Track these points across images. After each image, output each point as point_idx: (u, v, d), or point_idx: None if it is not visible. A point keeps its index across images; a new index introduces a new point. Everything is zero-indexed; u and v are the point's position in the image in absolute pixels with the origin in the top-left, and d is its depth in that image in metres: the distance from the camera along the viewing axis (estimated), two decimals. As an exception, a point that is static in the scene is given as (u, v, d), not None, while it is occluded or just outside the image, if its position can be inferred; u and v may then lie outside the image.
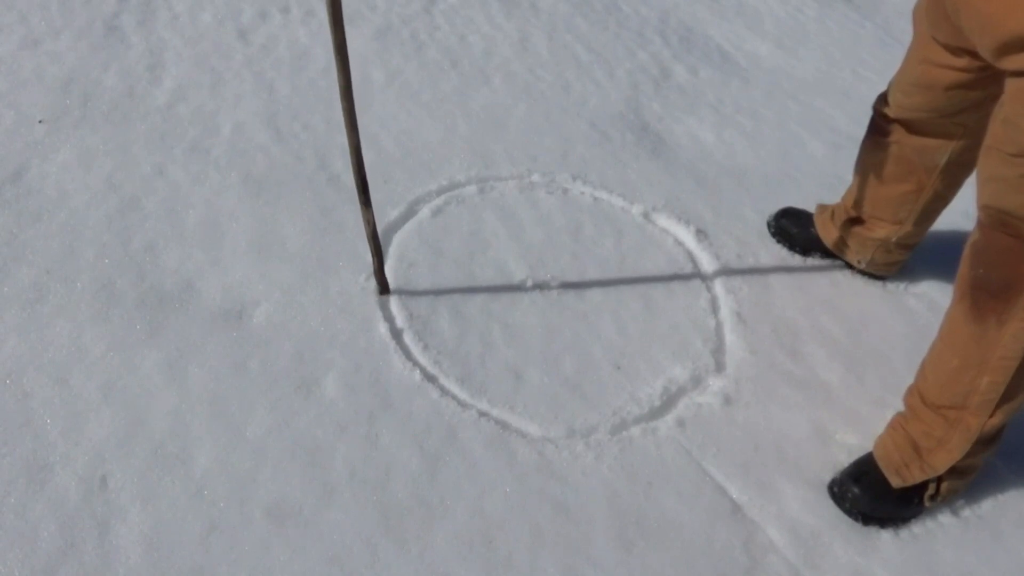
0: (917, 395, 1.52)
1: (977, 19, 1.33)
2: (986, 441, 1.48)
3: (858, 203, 1.91)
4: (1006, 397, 1.38)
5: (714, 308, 1.94)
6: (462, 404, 1.62)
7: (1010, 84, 1.31)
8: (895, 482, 1.52)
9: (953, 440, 1.45)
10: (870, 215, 1.90)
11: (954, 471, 1.50)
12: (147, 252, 1.80)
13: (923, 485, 1.52)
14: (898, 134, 1.75)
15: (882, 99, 1.78)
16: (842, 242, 1.99)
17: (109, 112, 2.16)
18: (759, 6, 3.38)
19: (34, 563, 1.28)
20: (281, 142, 2.15)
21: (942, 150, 1.70)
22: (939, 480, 1.51)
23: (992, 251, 1.35)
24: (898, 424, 1.55)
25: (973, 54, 1.45)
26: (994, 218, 1.33)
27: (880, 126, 1.79)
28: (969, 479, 1.56)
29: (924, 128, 1.70)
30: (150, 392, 1.53)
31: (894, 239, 1.90)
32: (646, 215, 2.16)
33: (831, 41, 3.23)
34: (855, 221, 1.94)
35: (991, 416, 1.40)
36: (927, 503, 1.53)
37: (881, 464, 1.54)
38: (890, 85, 1.74)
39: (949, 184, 1.78)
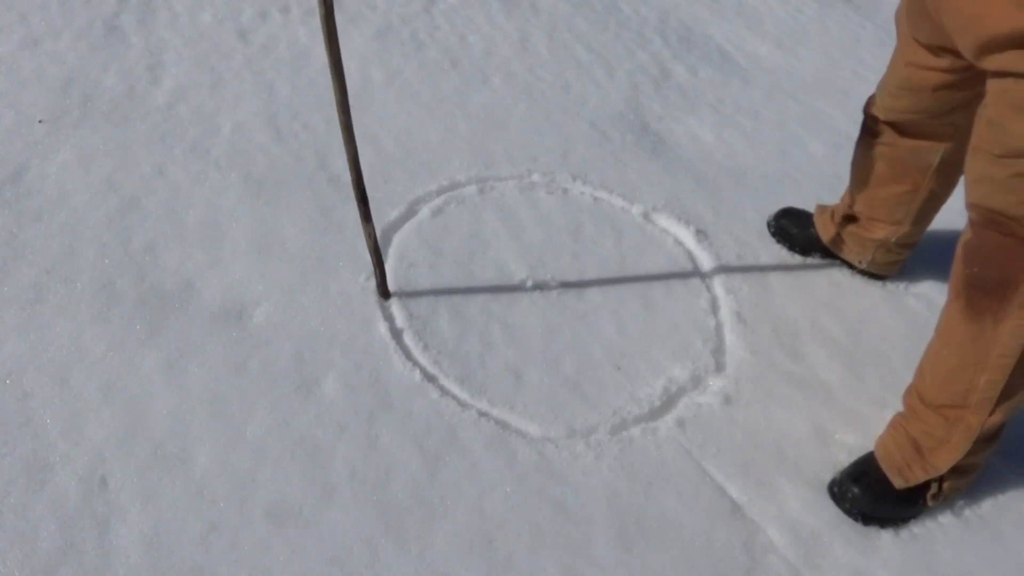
0: (916, 395, 1.52)
1: (958, 19, 1.33)
2: (987, 439, 1.48)
3: (856, 204, 1.92)
4: (1005, 395, 1.38)
5: (714, 308, 1.94)
6: (462, 404, 1.62)
7: (992, 85, 1.31)
8: (898, 483, 1.52)
9: (954, 439, 1.45)
10: (868, 216, 1.91)
11: (956, 470, 1.50)
12: (147, 252, 1.80)
13: (925, 485, 1.52)
14: (890, 136, 1.75)
15: (872, 102, 1.78)
16: (842, 241, 1.99)
17: (109, 112, 2.16)
18: (759, 6, 3.38)
19: (34, 563, 1.28)
20: (281, 142, 2.15)
21: (934, 151, 1.71)
22: (941, 479, 1.51)
23: (985, 249, 1.35)
24: (898, 424, 1.55)
25: (955, 53, 1.44)
26: (985, 216, 1.33)
27: (871, 128, 1.79)
28: (971, 477, 1.56)
29: (915, 130, 1.70)
30: (150, 392, 1.53)
31: (893, 239, 1.90)
32: (646, 215, 2.16)
33: (831, 41, 3.23)
34: (854, 222, 1.95)
35: (991, 414, 1.40)
36: (929, 502, 1.53)
37: (883, 465, 1.54)
38: (878, 88, 1.74)
39: (944, 183, 1.78)
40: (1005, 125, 1.27)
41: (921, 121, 1.66)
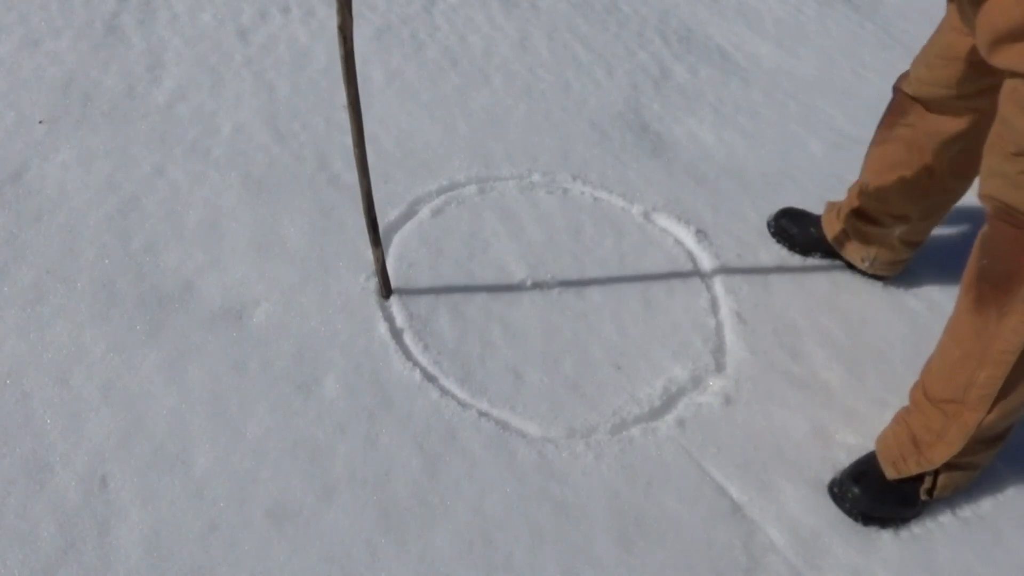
0: (921, 389, 1.52)
1: (971, 17, 1.34)
2: (987, 440, 1.48)
3: (865, 194, 1.89)
4: (1004, 393, 1.38)
5: (714, 308, 1.94)
6: (462, 404, 1.62)
7: (1005, 84, 1.33)
8: (890, 473, 1.52)
9: (950, 434, 1.45)
10: (876, 207, 1.89)
11: (952, 466, 1.50)
12: (147, 252, 1.80)
13: (920, 479, 1.52)
14: (914, 115, 1.73)
15: (903, 77, 1.76)
16: (846, 238, 1.98)
17: (109, 112, 2.16)
18: (759, 6, 3.38)
19: (34, 563, 1.28)
20: (281, 142, 2.15)
21: (955, 136, 1.68)
22: (936, 473, 1.51)
23: (996, 241, 1.36)
24: (901, 418, 1.56)
25: None
26: (997, 208, 1.35)
27: (898, 105, 1.77)
28: (970, 475, 1.55)
29: (941, 107, 1.67)
30: (150, 392, 1.53)
31: (898, 233, 1.89)
32: (646, 215, 2.16)
33: (831, 41, 3.23)
34: (860, 215, 1.93)
35: (989, 412, 1.40)
36: (923, 496, 1.53)
37: (880, 457, 1.55)
38: (914, 62, 1.72)
39: (957, 176, 1.76)
40: (1014, 124, 1.29)
41: (949, 98, 1.64)
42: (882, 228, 1.90)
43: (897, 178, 1.81)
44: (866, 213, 1.92)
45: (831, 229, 2.02)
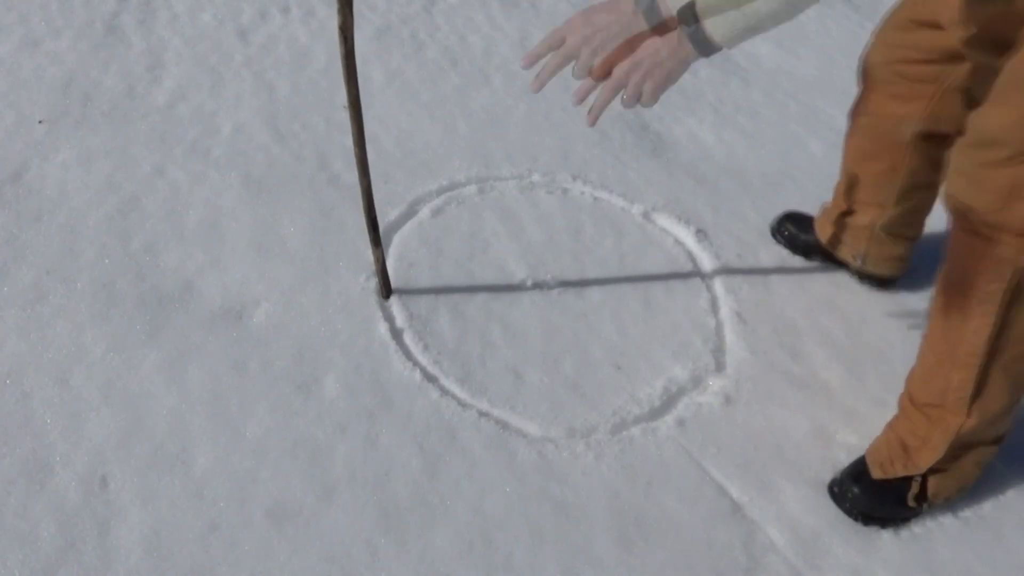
0: (907, 395, 1.53)
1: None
2: (967, 446, 1.48)
3: (844, 188, 1.92)
4: (977, 395, 1.39)
5: (714, 308, 1.94)
6: (462, 404, 1.62)
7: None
8: (876, 473, 1.52)
9: (934, 438, 1.46)
10: (854, 199, 1.90)
11: (941, 472, 1.50)
12: (147, 252, 1.80)
13: (908, 482, 1.52)
14: (874, 103, 1.75)
15: (870, 50, 1.76)
16: (837, 239, 1.98)
17: (109, 112, 2.16)
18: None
19: (34, 563, 1.28)
20: (281, 142, 2.15)
21: (910, 119, 1.68)
22: (924, 479, 1.51)
23: (955, 245, 1.38)
24: (890, 425, 1.57)
25: None
26: (957, 210, 1.35)
27: (860, 94, 1.81)
28: (963, 483, 1.55)
29: (898, 88, 1.68)
30: (150, 392, 1.53)
31: (879, 224, 1.89)
32: (646, 215, 2.16)
33: (831, 41, 3.23)
34: (844, 212, 1.94)
35: (968, 416, 1.41)
36: (911, 502, 1.52)
37: (868, 459, 1.55)
38: (884, 23, 1.70)
39: (923, 161, 1.75)
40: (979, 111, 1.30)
41: (909, 73, 1.64)
42: (862, 219, 1.90)
43: (865, 168, 1.84)
44: (847, 208, 1.93)
45: (824, 233, 2.02)
